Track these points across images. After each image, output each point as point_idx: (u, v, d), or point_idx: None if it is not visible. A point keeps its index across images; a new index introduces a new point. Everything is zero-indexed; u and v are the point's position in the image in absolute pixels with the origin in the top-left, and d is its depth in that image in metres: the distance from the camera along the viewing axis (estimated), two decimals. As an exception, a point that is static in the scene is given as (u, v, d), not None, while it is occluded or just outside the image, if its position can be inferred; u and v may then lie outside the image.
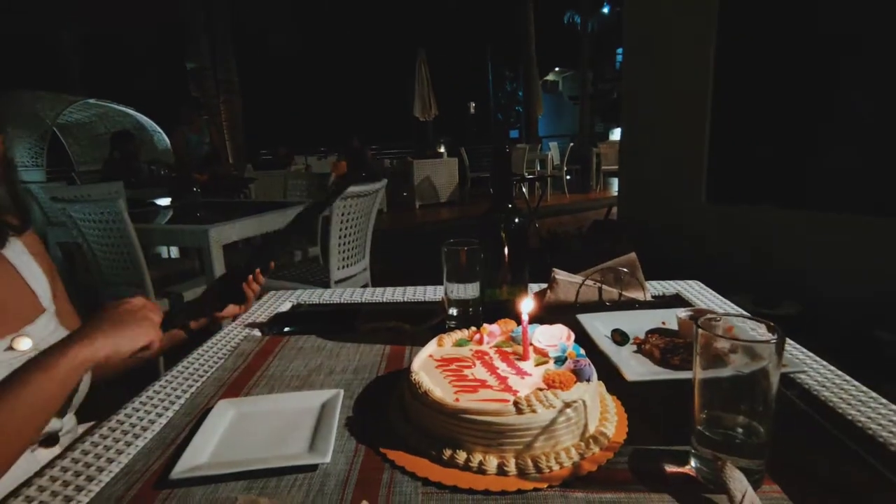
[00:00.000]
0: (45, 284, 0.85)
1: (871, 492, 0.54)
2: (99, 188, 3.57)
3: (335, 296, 1.29)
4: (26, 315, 0.78)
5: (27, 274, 0.82)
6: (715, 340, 0.55)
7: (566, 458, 0.59)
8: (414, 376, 0.67)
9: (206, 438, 0.64)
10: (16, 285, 0.80)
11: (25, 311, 0.79)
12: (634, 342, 0.89)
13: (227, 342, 0.99)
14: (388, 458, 0.61)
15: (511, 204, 0.93)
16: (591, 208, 8.11)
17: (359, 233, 2.78)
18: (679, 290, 1.24)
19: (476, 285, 0.98)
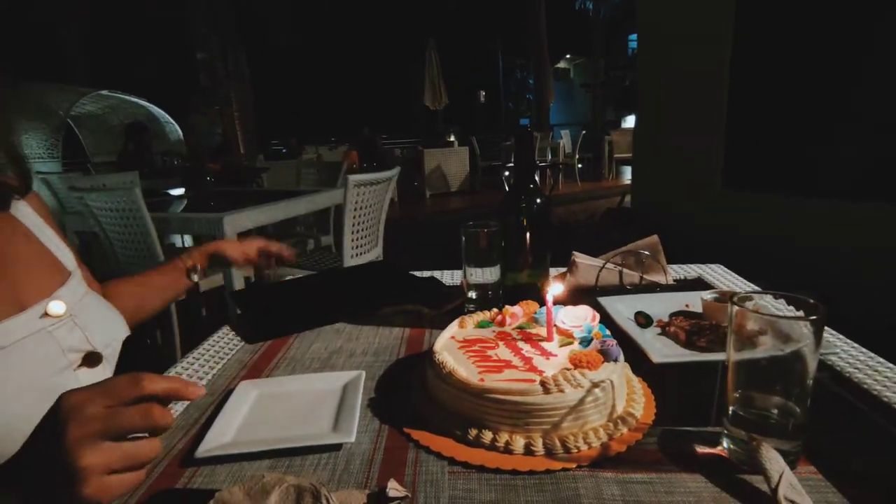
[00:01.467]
0: (64, 246, 0.81)
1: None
2: (115, 178, 3.60)
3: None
4: (55, 278, 0.74)
5: (43, 237, 0.78)
6: (750, 319, 0.53)
7: (594, 439, 0.58)
8: (437, 356, 0.67)
9: (230, 418, 0.64)
10: (37, 248, 0.76)
11: (53, 274, 0.75)
12: (658, 325, 0.87)
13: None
14: (413, 438, 0.61)
15: (533, 185, 0.91)
16: (603, 196, 8.04)
17: (372, 221, 2.77)
18: (701, 273, 1.21)
19: (496, 269, 0.97)
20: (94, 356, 0.71)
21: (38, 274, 0.72)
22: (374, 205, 2.73)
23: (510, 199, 0.92)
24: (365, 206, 2.65)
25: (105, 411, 0.41)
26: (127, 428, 0.42)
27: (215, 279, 2.47)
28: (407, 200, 8.89)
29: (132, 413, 0.42)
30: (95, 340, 0.72)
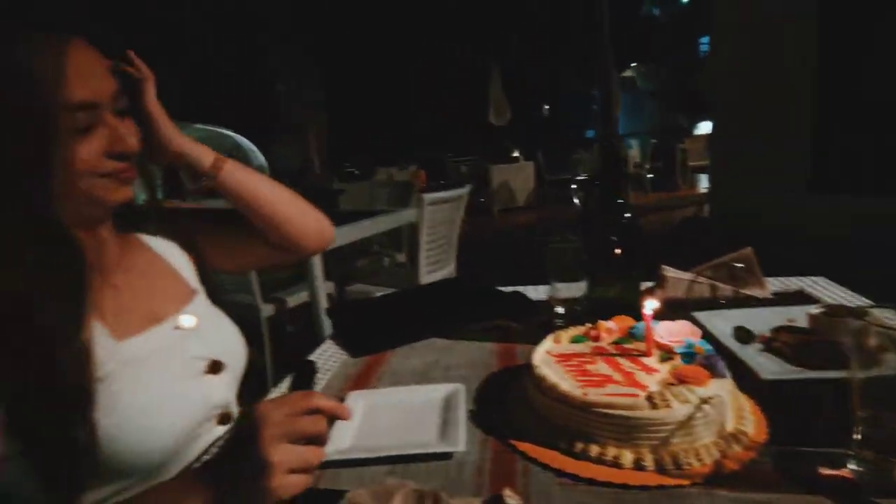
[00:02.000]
0: (190, 266, 0.85)
1: None
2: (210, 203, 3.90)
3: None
4: (183, 294, 0.80)
5: (171, 258, 0.83)
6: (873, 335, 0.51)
7: (706, 455, 0.57)
8: (537, 370, 0.68)
9: (345, 426, 0.69)
10: (164, 266, 0.81)
11: (180, 290, 0.80)
12: (760, 340, 0.84)
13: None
14: (519, 450, 0.63)
15: (620, 199, 0.91)
16: (677, 206, 7.70)
17: (445, 238, 2.83)
18: (801, 285, 1.15)
19: (582, 284, 0.98)
20: (217, 364, 0.78)
21: (168, 290, 0.78)
22: (447, 222, 2.80)
23: (597, 212, 0.93)
24: (439, 223, 2.71)
25: (287, 418, 0.50)
26: (303, 432, 0.50)
27: (301, 295, 2.62)
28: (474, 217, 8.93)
29: (306, 420, 0.51)
30: (219, 351, 0.79)
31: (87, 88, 0.60)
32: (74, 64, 0.59)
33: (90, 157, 0.61)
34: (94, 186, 0.63)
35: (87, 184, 0.62)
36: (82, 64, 0.61)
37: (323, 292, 2.44)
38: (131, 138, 0.65)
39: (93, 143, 0.62)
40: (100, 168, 0.63)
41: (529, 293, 1.24)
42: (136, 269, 0.76)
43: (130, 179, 0.67)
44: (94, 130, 0.62)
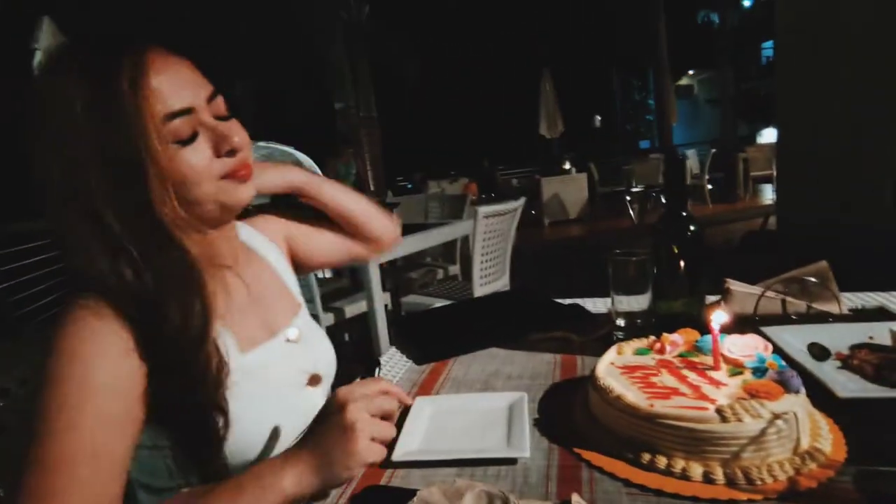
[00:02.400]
0: (290, 272, 0.92)
1: None
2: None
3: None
4: (291, 307, 0.86)
5: (283, 272, 0.89)
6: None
7: (780, 472, 0.56)
8: (602, 381, 0.69)
9: (414, 429, 0.72)
10: (277, 279, 0.87)
11: (290, 303, 0.86)
12: (837, 357, 0.81)
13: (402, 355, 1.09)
14: (584, 458, 0.64)
15: (685, 212, 0.91)
16: (739, 219, 7.36)
17: (499, 250, 2.85)
18: (882, 302, 1.09)
19: (645, 297, 0.97)
20: (316, 377, 0.83)
21: (278, 300, 0.83)
22: (501, 234, 2.82)
23: (664, 226, 0.93)
24: (493, 235, 2.74)
25: (365, 396, 0.60)
26: (379, 407, 0.60)
27: (359, 305, 2.70)
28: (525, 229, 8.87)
29: (381, 398, 0.61)
30: (319, 363, 0.84)
31: (176, 97, 0.62)
32: (158, 76, 0.61)
33: (200, 162, 0.64)
34: (219, 191, 0.66)
35: (209, 188, 0.65)
36: (169, 75, 0.62)
37: (380, 303, 2.51)
38: (236, 136, 0.67)
39: (199, 149, 0.64)
40: (214, 171, 0.65)
41: (587, 306, 1.24)
42: (250, 274, 0.79)
43: (247, 177, 0.69)
44: (198, 137, 0.64)
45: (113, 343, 0.59)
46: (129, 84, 0.59)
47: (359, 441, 0.56)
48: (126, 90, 0.58)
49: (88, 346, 0.58)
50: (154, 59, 0.62)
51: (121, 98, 0.58)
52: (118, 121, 0.58)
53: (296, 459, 0.57)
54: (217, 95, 0.68)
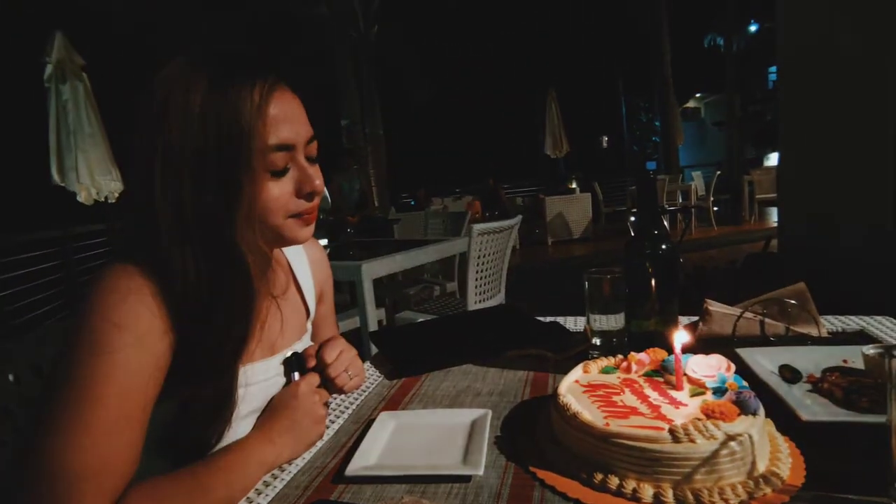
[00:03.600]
0: (314, 298, 0.90)
1: None
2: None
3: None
4: (298, 329, 0.84)
5: (305, 286, 0.88)
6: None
7: (732, 496, 0.55)
8: (562, 399, 0.69)
9: (373, 444, 0.71)
10: (295, 300, 0.86)
11: (298, 325, 0.85)
12: (809, 380, 0.80)
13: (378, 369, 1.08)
14: (538, 477, 0.63)
15: (658, 230, 0.91)
16: (743, 241, 7.33)
17: (495, 268, 2.85)
18: (863, 325, 1.08)
19: (620, 316, 0.97)
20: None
21: (290, 319, 0.82)
22: (496, 252, 2.81)
23: (634, 245, 0.92)
24: (488, 253, 2.74)
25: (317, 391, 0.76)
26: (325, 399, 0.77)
27: (353, 321, 2.70)
28: (529, 247, 8.90)
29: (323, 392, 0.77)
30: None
31: (287, 131, 0.65)
32: (277, 107, 0.64)
33: (282, 196, 0.66)
34: (284, 226, 0.68)
35: (277, 222, 0.67)
36: (285, 108, 0.65)
37: (373, 318, 2.50)
38: (318, 180, 0.69)
39: (285, 184, 0.67)
40: (290, 208, 0.68)
41: (569, 324, 1.23)
42: (277, 288, 0.80)
43: (312, 221, 0.72)
44: (288, 172, 0.67)
45: (148, 307, 0.60)
46: (253, 105, 0.62)
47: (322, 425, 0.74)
48: (249, 110, 0.61)
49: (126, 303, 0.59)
50: (280, 89, 0.65)
51: (242, 117, 0.61)
52: (233, 136, 0.61)
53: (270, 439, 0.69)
54: (314, 139, 0.70)
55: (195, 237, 0.61)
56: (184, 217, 0.61)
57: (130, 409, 0.58)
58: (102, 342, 0.57)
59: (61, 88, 4.07)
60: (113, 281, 0.60)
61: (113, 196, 4.31)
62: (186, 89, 0.61)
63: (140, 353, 0.58)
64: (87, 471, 0.53)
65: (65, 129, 4.09)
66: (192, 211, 0.61)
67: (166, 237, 0.61)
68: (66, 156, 4.11)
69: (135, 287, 0.60)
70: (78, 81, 4.14)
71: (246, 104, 0.61)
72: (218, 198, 0.61)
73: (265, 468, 0.67)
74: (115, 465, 0.56)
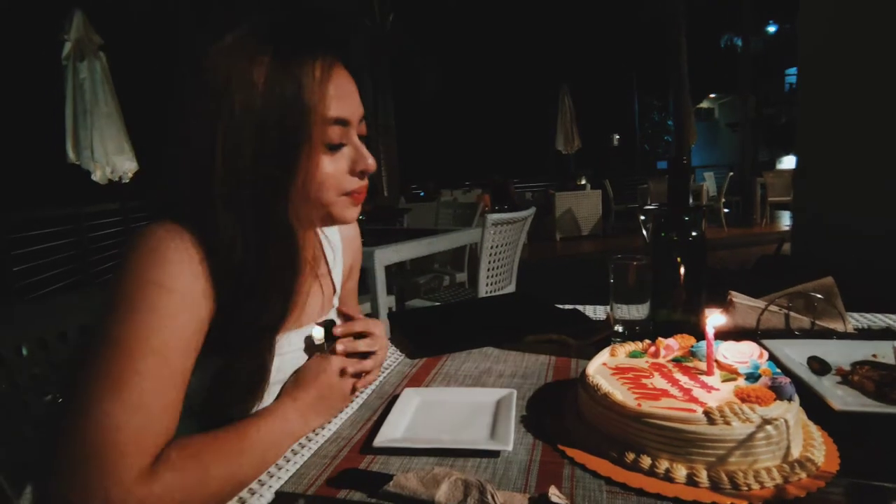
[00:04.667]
0: (341, 275, 0.90)
1: None
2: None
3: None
4: (323, 308, 0.84)
5: (333, 265, 0.88)
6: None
7: (767, 479, 0.54)
8: (591, 379, 0.68)
9: (398, 418, 0.71)
10: (324, 274, 0.86)
11: (325, 303, 0.85)
12: (837, 373, 0.79)
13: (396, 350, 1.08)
14: (567, 455, 0.62)
15: (688, 218, 0.90)
16: (755, 243, 7.27)
17: (507, 259, 2.84)
18: (890, 323, 1.07)
19: (645, 305, 0.96)
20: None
21: (316, 294, 0.82)
22: (509, 243, 2.81)
23: (660, 231, 0.91)
24: (501, 244, 2.73)
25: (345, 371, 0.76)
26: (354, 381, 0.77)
27: (365, 307, 2.70)
28: (537, 243, 8.87)
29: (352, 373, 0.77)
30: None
31: (344, 106, 0.66)
32: (335, 83, 0.65)
33: (336, 173, 0.67)
34: (335, 203, 0.69)
35: (330, 199, 0.68)
36: (341, 84, 0.67)
37: (384, 305, 2.51)
38: (371, 159, 0.70)
39: (339, 161, 0.68)
40: (343, 185, 0.69)
41: (587, 312, 1.22)
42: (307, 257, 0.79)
43: (361, 201, 0.73)
44: (342, 149, 0.68)
45: (191, 269, 0.60)
46: (315, 80, 0.63)
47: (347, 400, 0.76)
48: (311, 85, 0.63)
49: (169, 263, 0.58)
50: (338, 66, 0.67)
51: (304, 91, 0.62)
52: (295, 109, 0.62)
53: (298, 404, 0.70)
54: (364, 118, 0.72)
55: (248, 208, 0.62)
56: (240, 187, 0.61)
57: (171, 369, 0.58)
58: (144, 300, 0.57)
59: (79, 67, 4.08)
60: (156, 241, 0.59)
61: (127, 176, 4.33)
62: (250, 62, 0.62)
63: (182, 314, 0.59)
64: (129, 427, 0.53)
65: (81, 107, 4.10)
66: (249, 181, 0.61)
67: (220, 206, 0.61)
68: (82, 134, 4.12)
69: (180, 247, 0.59)
70: (96, 60, 4.15)
71: (308, 79, 0.63)
72: (276, 169, 0.62)
73: (293, 438, 0.68)
74: (157, 422, 0.56)
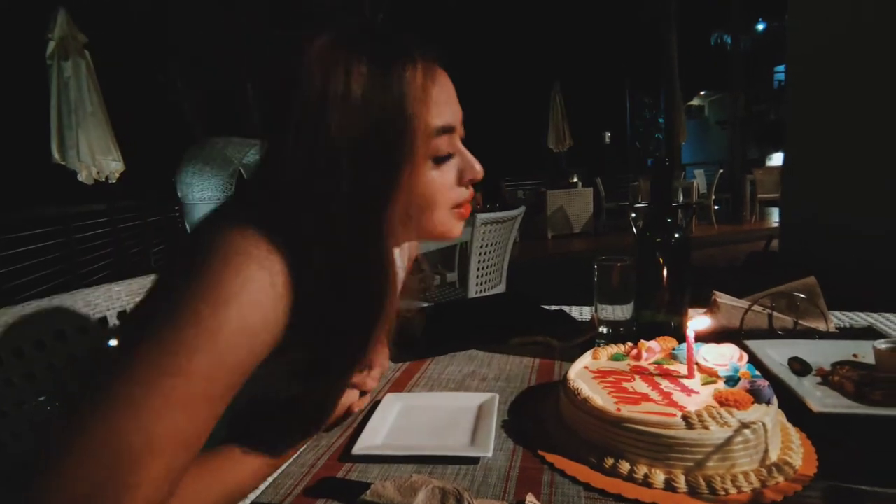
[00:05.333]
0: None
1: None
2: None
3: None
4: None
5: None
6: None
7: (745, 483, 0.54)
8: (572, 383, 0.68)
9: (379, 424, 0.71)
10: None
11: None
12: (818, 373, 0.79)
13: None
14: (547, 461, 0.62)
15: (671, 219, 0.90)
16: (744, 240, 7.33)
17: (496, 259, 2.84)
18: (872, 322, 1.07)
19: (629, 306, 0.96)
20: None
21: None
22: (499, 243, 2.80)
23: (646, 234, 0.91)
24: (490, 243, 2.73)
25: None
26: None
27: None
28: (528, 241, 8.89)
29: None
30: None
31: (448, 112, 0.61)
32: (439, 88, 0.61)
33: (445, 186, 0.62)
34: (443, 220, 0.63)
35: (440, 217, 0.63)
36: (445, 88, 0.62)
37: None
38: (479, 165, 0.65)
39: (447, 172, 0.63)
40: (453, 198, 0.64)
41: (574, 314, 1.22)
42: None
43: (468, 214, 0.67)
44: (450, 160, 0.63)
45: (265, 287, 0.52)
46: (416, 87, 0.57)
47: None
48: (412, 92, 0.57)
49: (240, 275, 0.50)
50: (438, 69, 0.62)
51: (406, 99, 0.56)
52: (398, 120, 0.56)
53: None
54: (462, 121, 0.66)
55: (341, 229, 0.55)
56: (334, 207, 0.54)
57: (214, 390, 0.49)
58: (202, 313, 0.48)
59: (63, 66, 4.03)
60: (233, 245, 0.51)
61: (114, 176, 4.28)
62: (347, 73, 0.55)
63: (241, 336, 0.50)
64: (153, 447, 0.45)
65: (66, 106, 4.05)
66: (345, 200, 0.54)
67: (310, 227, 0.54)
68: (67, 134, 4.07)
69: (259, 258, 0.51)
70: (80, 59, 4.10)
71: (409, 87, 0.56)
72: (376, 186, 0.55)
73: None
74: (185, 444, 0.48)
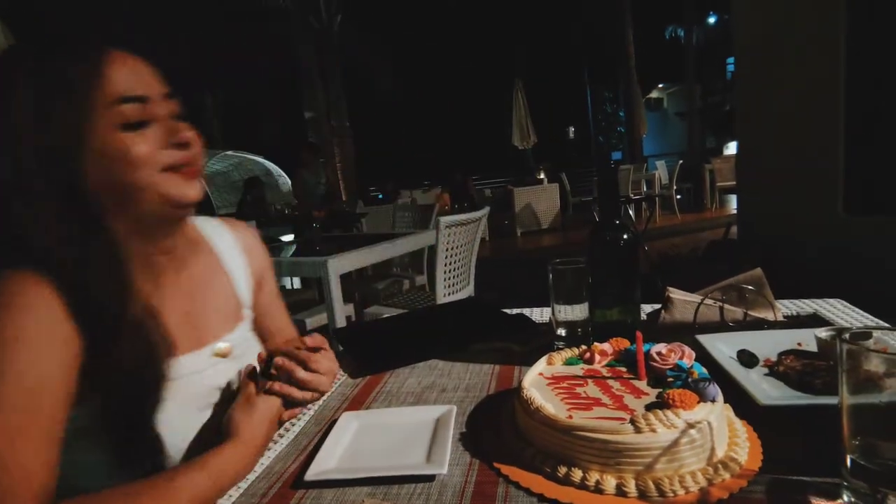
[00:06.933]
0: (250, 287, 0.87)
1: None
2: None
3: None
4: (228, 324, 0.81)
5: (236, 274, 0.84)
6: (870, 358, 0.50)
7: (692, 483, 0.55)
8: (525, 393, 0.68)
9: (334, 446, 0.69)
10: (224, 288, 0.82)
11: (229, 318, 0.81)
12: (765, 364, 0.81)
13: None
14: (502, 473, 0.62)
15: (619, 220, 0.91)
16: (706, 228, 7.55)
17: (463, 260, 2.84)
18: (817, 308, 1.11)
19: (584, 306, 0.97)
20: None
21: (219, 308, 0.80)
22: (464, 245, 2.81)
23: (595, 234, 0.92)
24: (456, 246, 2.73)
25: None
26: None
27: (321, 317, 2.65)
28: (498, 239, 8.95)
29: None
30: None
31: (128, 83, 0.64)
32: (115, 65, 0.64)
33: (143, 149, 0.65)
34: (159, 182, 0.66)
35: (150, 178, 0.65)
36: (123, 65, 0.65)
37: (341, 315, 2.46)
38: (187, 131, 0.68)
39: (147, 138, 0.65)
40: (158, 160, 0.66)
41: (535, 316, 1.23)
42: (196, 272, 0.78)
43: (195, 176, 0.70)
44: (148, 126, 0.66)
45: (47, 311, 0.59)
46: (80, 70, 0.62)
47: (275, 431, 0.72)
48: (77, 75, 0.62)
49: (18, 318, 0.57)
50: (112, 54, 0.65)
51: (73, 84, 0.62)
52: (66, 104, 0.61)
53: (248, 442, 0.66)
54: (173, 97, 0.69)
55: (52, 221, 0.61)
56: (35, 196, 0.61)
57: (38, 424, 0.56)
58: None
59: None
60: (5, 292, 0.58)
61: None
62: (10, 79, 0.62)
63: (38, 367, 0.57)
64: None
65: None
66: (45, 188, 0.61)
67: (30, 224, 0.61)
68: None
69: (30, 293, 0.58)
70: None
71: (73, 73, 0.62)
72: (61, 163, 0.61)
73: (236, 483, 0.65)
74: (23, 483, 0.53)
